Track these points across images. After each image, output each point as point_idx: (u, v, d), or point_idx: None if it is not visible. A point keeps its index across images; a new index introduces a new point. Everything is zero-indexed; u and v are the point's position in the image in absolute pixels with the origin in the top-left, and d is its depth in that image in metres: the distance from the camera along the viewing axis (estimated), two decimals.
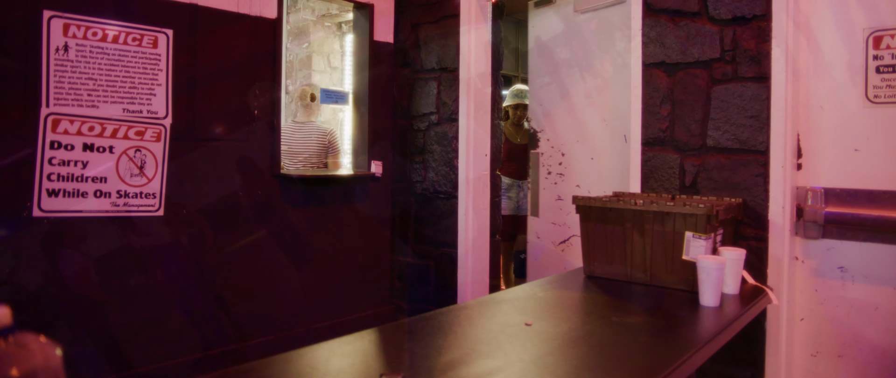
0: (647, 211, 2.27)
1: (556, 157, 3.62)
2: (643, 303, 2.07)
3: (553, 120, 3.63)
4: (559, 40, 3.60)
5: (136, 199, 2.76)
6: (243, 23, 3.14)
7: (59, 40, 2.56)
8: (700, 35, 2.69)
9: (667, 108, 2.79)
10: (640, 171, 2.86)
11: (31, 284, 2.49)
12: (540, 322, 1.74)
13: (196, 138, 2.96)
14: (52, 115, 2.54)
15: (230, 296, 3.11)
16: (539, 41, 3.75)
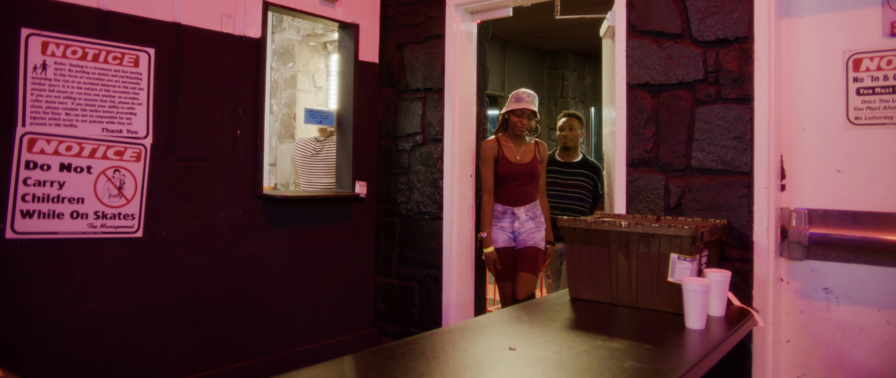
0: (633, 232, 2.25)
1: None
2: (629, 326, 2.05)
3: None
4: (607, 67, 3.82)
5: (114, 221, 2.70)
6: (227, 42, 3.12)
7: (37, 58, 2.52)
8: (683, 57, 2.70)
9: (651, 129, 2.80)
10: (625, 192, 2.86)
11: (4, 309, 2.42)
12: (524, 346, 1.71)
13: (177, 159, 2.92)
14: (28, 135, 2.49)
15: (210, 319, 3.04)
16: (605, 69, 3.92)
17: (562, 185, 3.88)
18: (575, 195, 3.88)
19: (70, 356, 2.58)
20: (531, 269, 3.40)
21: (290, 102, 4.35)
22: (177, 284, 2.92)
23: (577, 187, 3.88)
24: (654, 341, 1.83)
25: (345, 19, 3.69)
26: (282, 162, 4.37)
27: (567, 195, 3.89)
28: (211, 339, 3.04)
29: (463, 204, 3.63)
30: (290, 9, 3.42)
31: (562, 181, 3.90)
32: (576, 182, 3.88)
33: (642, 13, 2.83)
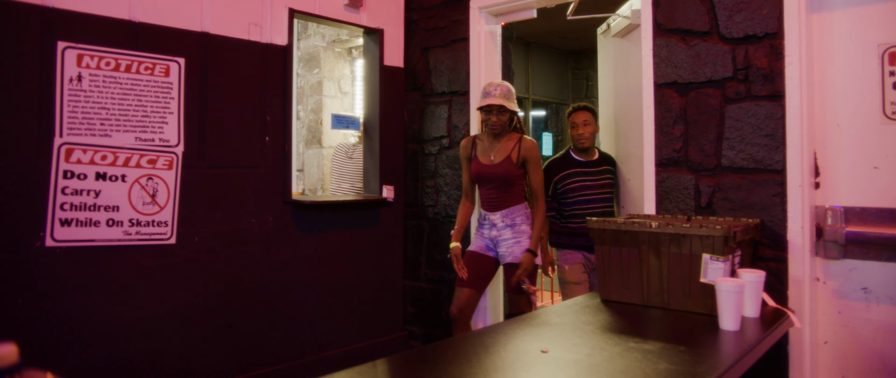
0: (663, 233, 2.23)
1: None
2: (661, 327, 2.03)
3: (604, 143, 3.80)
4: (606, 65, 3.79)
5: (149, 228, 2.76)
6: (254, 50, 3.16)
7: (72, 71, 2.59)
8: (711, 54, 2.67)
9: (680, 128, 2.76)
10: (654, 192, 2.83)
11: (44, 315, 2.48)
12: (556, 349, 1.70)
13: (208, 166, 2.97)
14: (66, 145, 2.55)
15: (242, 323, 3.08)
16: (602, 66, 3.92)
17: (592, 188, 3.33)
18: (607, 195, 3.39)
19: (108, 361, 2.63)
20: (516, 288, 3.01)
21: (316, 108, 4.39)
22: (209, 290, 2.96)
23: (607, 187, 3.38)
24: (688, 343, 1.80)
25: (369, 25, 3.72)
26: (309, 167, 4.41)
27: (600, 197, 3.35)
28: (243, 344, 3.09)
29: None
30: (315, 15, 3.46)
31: (591, 183, 3.33)
32: (605, 181, 3.37)
33: (668, 11, 2.80)
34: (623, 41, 3.50)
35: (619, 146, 3.56)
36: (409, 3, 3.97)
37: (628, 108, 3.41)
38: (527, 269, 2.94)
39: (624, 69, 3.50)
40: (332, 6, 3.52)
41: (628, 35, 3.42)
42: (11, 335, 2.25)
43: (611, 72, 3.74)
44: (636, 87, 3.28)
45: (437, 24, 3.83)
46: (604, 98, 3.86)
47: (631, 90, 3.36)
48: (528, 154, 3.02)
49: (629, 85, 3.38)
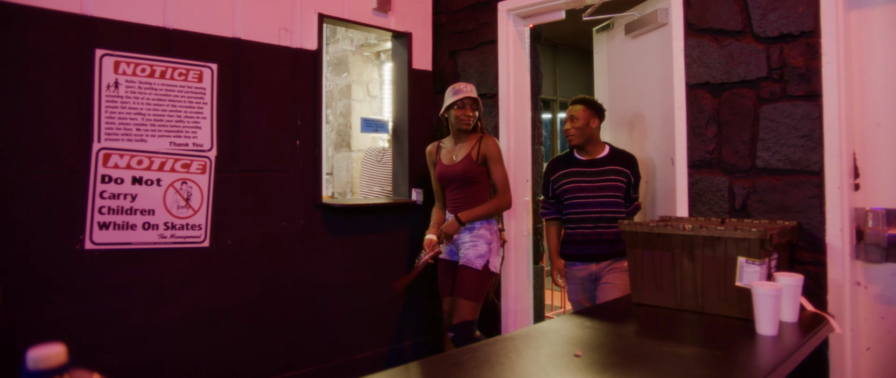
0: (697, 236, 2.19)
1: None
2: (696, 332, 2.00)
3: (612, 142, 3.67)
4: (615, 65, 3.65)
5: (183, 231, 2.81)
6: (284, 55, 3.20)
7: (109, 77, 2.65)
8: (745, 54, 2.62)
9: (713, 129, 2.72)
10: (687, 194, 2.79)
11: (83, 315, 2.54)
12: (589, 353, 1.68)
13: (240, 170, 3.01)
14: (104, 150, 2.61)
15: (274, 326, 3.12)
16: (600, 65, 3.82)
17: (588, 189, 2.97)
18: (606, 200, 2.94)
19: (143, 361, 2.68)
20: (465, 293, 2.94)
21: (345, 112, 4.42)
22: (242, 292, 3.00)
23: (607, 190, 2.94)
24: (725, 348, 1.77)
25: (398, 29, 3.74)
26: (338, 171, 4.44)
27: (598, 200, 2.95)
28: (275, 346, 3.12)
29: (520, 208, 3.61)
30: (344, 20, 3.49)
31: (587, 184, 2.97)
32: (606, 183, 2.95)
33: (700, 11, 2.76)
34: (634, 41, 3.44)
35: (632, 147, 3.46)
36: (437, 7, 3.98)
37: (644, 108, 3.35)
38: (445, 231, 2.99)
39: (636, 69, 3.43)
40: (360, 10, 3.54)
41: (643, 35, 3.36)
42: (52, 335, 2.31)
43: (617, 71, 3.66)
44: (653, 86, 3.24)
45: (465, 26, 3.83)
46: (602, 97, 3.78)
47: (647, 90, 3.31)
48: (487, 151, 3.05)
49: (645, 85, 3.33)
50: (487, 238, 3.02)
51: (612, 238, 2.93)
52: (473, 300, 2.95)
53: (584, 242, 2.97)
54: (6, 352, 2.37)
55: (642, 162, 3.29)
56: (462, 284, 2.97)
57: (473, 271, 2.97)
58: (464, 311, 2.94)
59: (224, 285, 2.94)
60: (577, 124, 3.00)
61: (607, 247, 2.94)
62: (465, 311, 2.94)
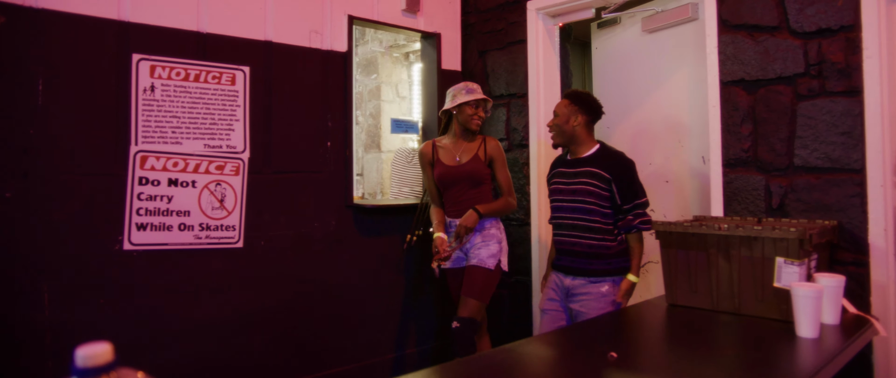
0: (733, 235, 2.15)
1: None
2: (734, 333, 1.96)
3: (620, 142, 3.52)
4: (627, 61, 3.52)
5: (217, 232, 2.85)
6: (315, 57, 3.23)
7: (146, 81, 2.70)
8: (781, 50, 2.57)
9: (748, 127, 2.67)
10: (722, 193, 2.74)
11: (122, 315, 2.60)
12: (624, 355, 1.66)
13: (273, 171, 3.04)
14: (141, 153, 2.67)
15: (306, 325, 3.15)
16: (604, 62, 3.69)
17: (564, 193, 2.69)
18: (578, 205, 2.61)
19: (179, 361, 2.73)
20: (474, 293, 2.89)
21: (375, 113, 4.44)
22: (275, 292, 3.04)
23: (578, 194, 2.61)
24: (764, 350, 1.74)
25: (427, 29, 3.75)
26: (368, 171, 4.47)
27: (571, 206, 2.65)
28: (307, 346, 3.15)
29: None
30: (374, 21, 3.50)
31: (563, 186, 2.70)
32: (577, 186, 2.63)
33: (734, 7, 2.71)
34: (651, 36, 3.35)
35: (654, 146, 3.35)
36: (466, 7, 3.98)
37: (667, 105, 3.26)
38: (465, 224, 2.90)
39: (655, 65, 3.34)
40: (389, 12, 3.56)
41: (661, 30, 3.28)
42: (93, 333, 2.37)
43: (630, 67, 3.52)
44: (679, 83, 3.17)
45: (494, 26, 3.82)
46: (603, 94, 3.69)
47: (669, 87, 3.23)
48: (494, 153, 3.05)
49: (667, 81, 3.24)
50: (498, 237, 3.02)
51: (585, 250, 2.60)
52: (481, 300, 2.92)
53: (561, 251, 2.73)
54: (51, 349, 2.44)
55: (668, 161, 3.22)
56: (472, 283, 2.92)
57: (485, 270, 2.93)
58: (472, 308, 2.89)
59: (257, 285, 2.98)
60: (556, 121, 2.72)
61: (583, 261, 2.61)
62: (472, 308, 2.90)
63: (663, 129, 3.28)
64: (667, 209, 3.24)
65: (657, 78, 3.32)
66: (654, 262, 3.30)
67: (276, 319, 3.04)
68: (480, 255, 2.96)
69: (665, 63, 3.27)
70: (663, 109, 3.28)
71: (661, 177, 3.28)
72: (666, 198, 3.25)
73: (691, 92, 3.09)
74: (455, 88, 3.07)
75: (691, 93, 3.10)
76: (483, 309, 2.95)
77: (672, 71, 3.22)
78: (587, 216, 2.61)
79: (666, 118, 3.27)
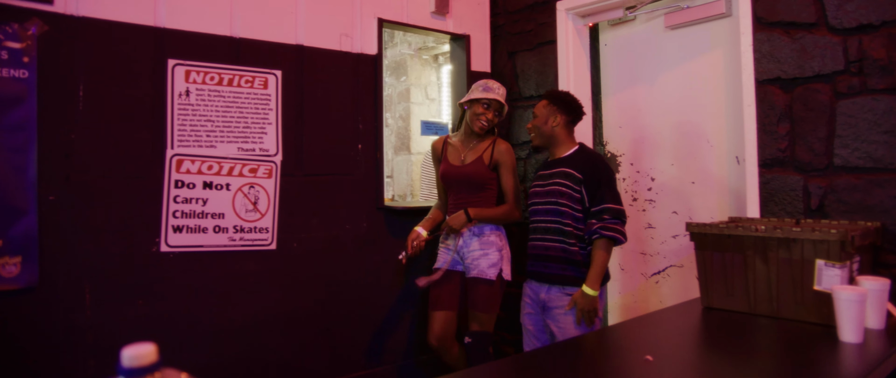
0: (771, 237, 2.11)
1: (644, 183, 3.43)
2: (773, 338, 1.92)
3: (638, 143, 3.46)
4: (645, 58, 3.44)
5: (251, 234, 2.89)
6: (345, 60, 3.25)
7: (181, 86, 2.75)
8: (819, 47, 2.51)
9: (785, 126, 2.62)
10: (758, 194, 2.69)
11: (159, 315, 2.65)
12: (662, 358, 1.64)
13: (304, 174, 3.07)
14: (176, 156, 2.72)
15: (338, 327, 3.17)
16: (617, 59, 3.62)
17: (540, 195, 2.66)
18: (551, 207, 2.59)
19: (216, 362, 2.77)
20: (480, 307, 2.79)
21: (404, 115, 4.46)
22: (308, 294, 3.07)
23: (552, 196, 2.59)
24: (805, 355, 1.70)
25: (456, 31, 3.75)
26: (398, 174, 4.49)
27: (545, 208, 2.63)
28: (340, 347, 3.17)
29: None
30: (403, 24, 3.52)
31: (539, 189, 2.67)
32: (551, 187, 2.61)
33: (770, 4, 2.66)
34: (674, 33, 3.27)
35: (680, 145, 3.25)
36: (495, 8, 3.97)
37: (693, 104, 3.17)
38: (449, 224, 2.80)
39: (679, 63, 3.25)
40: (419, 14, 3.57)
41: (685, 27, 3.21)
42: (133, 333, 2.42)
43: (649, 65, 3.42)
44: (707, 81, 3.09)
45: (524, 27, 3.81)
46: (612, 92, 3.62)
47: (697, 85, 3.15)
48: (501, 157, 2.88)
49: (693, 79, 3.16)
50: (498, 245, 2.86)
51: (558, 254, 2.55)
52: (489, 312, 2.82)
53: (534, 257, 2.66)
54: (93, 349, 2.49)
55: (696, 161, 3.14)
56: (476, 299, 2.82)
57: (487, 282, 2.81)
58: (481, 321, 2.81)
59: (290, 287, 3.01)
60: (535, 122, 2.68)
61: (555, 267, 2.56)
62: (481, 321, 2.82)
63: (689, 129, 3.19)
64: (692, 211, 3.18)
65: (681, 76, 3.23)
66: (677, 267, 3.24)
67: (308, 320, 3.07)
68: (480, 265, 2.82)
69: (691, 60, 3.19)
70: (688, 108, 3.20)
71: (685, 178, 3.22)
72: (692, 199, 3.19)
73: (721, 91, 3.03)
74: (476, 83, 2.98)
75: (721, 91, 3.03)
76: (493, 319, 2.87)
77: (699, 69, 3.15)
78: (559, 218, 2.56)
79: (691, 117, 3.18)
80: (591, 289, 2.44)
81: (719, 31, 3.04)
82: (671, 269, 3.27)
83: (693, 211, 3.16)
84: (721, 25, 3.04)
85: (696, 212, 3.15)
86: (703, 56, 3.12)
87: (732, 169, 2.98)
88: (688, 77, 3.20)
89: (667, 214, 3.30)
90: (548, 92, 2.73)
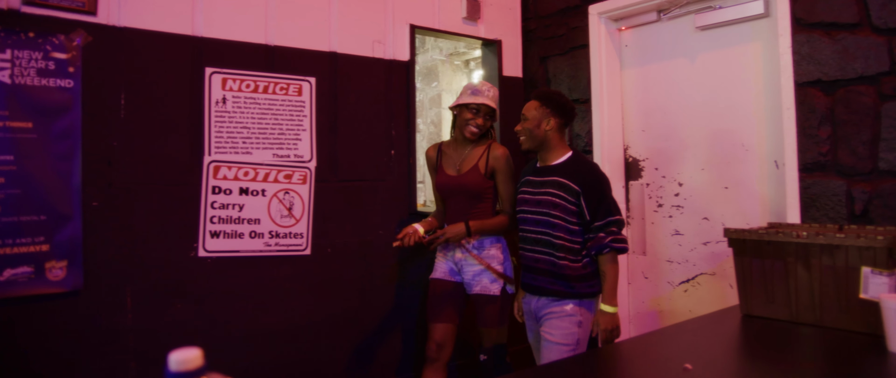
0: (813, 244, 2.06)
1: (670, 188, 3.36)
2: (816, 347, 1.87)
3: (664, 147, 3.40)
4: (671, 60, 3.37)
5: (286, 239, 2.93)
6: (378, 67, 3.28)
7: (218, 94, 2.80)
8: (862, 48, 2.45)
9: (826, 129, 2.55)
10: (798, 199, 2.63)
11: (197, 319, 2.69)
12: (701, 367, 1.61)
13: (338, 179, 3.10)
14: (214, 163, 2.77)
15: (372, 332, 3.19)
16: (638, 61, 3.55)
17: (530, 204, 2.50)
18: (542, 218, 2.44)
19: (250, 365, 2.81)
20: (488, 323, 2.68)
21: (436, 121, 4.48)
22: (342, 299, 3.09)
23: (543, 206, 2.43)
24: (851, 365, 1.65)
25: (487, 36, 3.75)
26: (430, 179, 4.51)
27: (535, 218, 2.47)
28: (374, 352, 3.19)
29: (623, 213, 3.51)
30: (435, 30, 3.53)
31: (530, 196, 2.51)
32: (542, 197, 2.45)
33: (809, 4, 2.61)
34: (704, 34, 3.21)
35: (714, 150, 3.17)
36: (526, 13, 3.96)
37: (726, 107, 3.09)
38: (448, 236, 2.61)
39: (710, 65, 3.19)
40: (450, 20, 3.58)
41: (717, 28, 3.15)
42: (173, 337, 2.47)
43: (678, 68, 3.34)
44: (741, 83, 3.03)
45: (555, 32, 3.79)
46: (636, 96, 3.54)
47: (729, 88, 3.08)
48: (496, 164, 2.71)
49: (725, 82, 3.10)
50: (499, 258, 2.71)
51: (548, 268, 2.41)
52: (499, 325, 2.70)
53: (525, 268, 2.53)
54: (134, 351, 2.55)
55: (729, 166, 3.07)
56: (484, 317, 2.69)
57: (490, 298, 2.67)
58: (493, 337, 2.71)
59: (324, 292, 3.04)
60: (526, 125, 2.49)
61: (545, 280, 2.43)
62: (493, 337, 2.71)
63: (721, 133, 3.11)
64: (725, 217, 3.10)
65: (713, 78, 3.16)
66: (709, 275, 3.17)
67: (342, 325, 3.09)
68: (483, 281, 2.68)
69: (724, 63, 3.12)
70: (721, 112, 3.12)
71: (717, 183, 3.15)
72: (724, 205, 3.11)
73: (758, 94, 2.97)
74: (465, 86, 2.81)
75: (758, 94, 2.97)
76: (504, 331, 2.75)
77: (733, 71, 3.08)
78: (551, 230, 2.41)
79: (724, 121, 3.10)
80: (610, 305, 2.34)
81: (755, 32, 2.99)
82: (702, 277, 3.21)
83: (726, 217, 3.09)
84: (757, 26, 2.98)
85: (729, 218, 3.08)
86: (737, 58, 3.06)
87: (770, 174, 2.92)
88: (720, 80, 3.13)
89: (696, 221, 3.24)
90: (537, 91, 2.55)
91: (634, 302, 3.54)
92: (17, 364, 2.32)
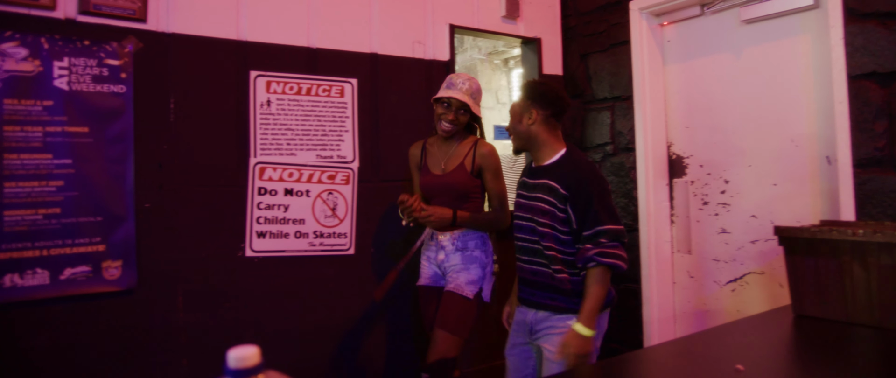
0: (870, 242, 1.99)
1: (716, 185, 3.29)
2: (875, 349, 1.81)
3: (708, 144, 3.32)
4: (716, 55, 3.29)
5: (330, 239, 2.97)
6: (418, 67, 3.30)
7: (263, 97, 2.86)
8: None
9: (883, 123, 2.47)
10: (852, 196, 2.54)
11: (244, 318, 2.75)
12: (752, 368, 1.58)
13: (380, 179, 3.13)
14: (259, 164, 2.82)
15: (415, 330, 3.21)
16: (681, 56, 3.48)
17: (523, 209, 2.27)
18: (533, 225, 2.20)
19: (298, 362, 2.86)
20: (447, 325, 2.45)
21: None
22: (385, 298, 3.11)
23: (535, 212, 2.20)
24: None
25: (527, 35, 3.73)
26: None
27: (527, 225, 2.24)
28: (418, 350, 3.20)
29: (660, 214, 3.47)
30: (474, 29, 3.53)
31: (523, 201, 2.28)
32: (533, 203, 2.21)
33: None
34: (750, 28, 3.11)
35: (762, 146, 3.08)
36: (566, 10, 3.93)
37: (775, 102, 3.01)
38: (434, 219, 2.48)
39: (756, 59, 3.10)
40: (489, 19, 3.58)
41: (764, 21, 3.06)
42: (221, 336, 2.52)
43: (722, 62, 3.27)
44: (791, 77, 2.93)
45: (596, 28, 3.75)
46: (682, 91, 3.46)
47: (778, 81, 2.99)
48: (483, 161, 2.58)
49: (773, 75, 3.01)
50: (482, 261, 2.59)
51: (545, 281, 2.18)
52: (457, 334, 2.46)
53: (522, 280, 2.29)
54: (186, 349, 2.62)
55: (777, 162, 2.98)
56: (446, 314, 2.48)
57: (462, 299, 2.50)
58: (443, 345, 2.45)
59: (368, 292, 3.06)
60: (510, 122, 2.30)
61: (543, 294, 2.19)
62: (444, 345, 2.45)
63: (769, 128, 3.03)
64: (774, 215, 3.01)
65: (759, 73, 3.07)
66: (757, 274, 3.09)
67: (384, 325, 3.12)
68: (459, 280, 2.54)
69: (771, 56, 3.03)
70: (768, 107, 3.03)
71: (765, 180, 3.06)
72: (773, 202, 3.02)
73: (807, 88, 2.88)
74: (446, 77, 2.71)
75: (807, 89, 2.88)
76: (459, 345, 2.49)
77: (781, 65, 2.99)
78: (540, 239, 2.17)
79: (772, 116, 3.01)
80: (586, 327, 2.00)
81: (804, 24, 2.90)
82: (750, 277, 3.13)
83: (775, 214, 3.01)
84: (806, 18, 2.89)
85: (778, 215, 2.99)
86: (785, 51, 2.98)
87: (822, 169, 2.83)
88: (767, 74, 3.05)
89: (744, 218, 3.16)
90: (523, 84, 2.36)
91: (680, 301, 3.47)
92: (77, 359, 2.41)
